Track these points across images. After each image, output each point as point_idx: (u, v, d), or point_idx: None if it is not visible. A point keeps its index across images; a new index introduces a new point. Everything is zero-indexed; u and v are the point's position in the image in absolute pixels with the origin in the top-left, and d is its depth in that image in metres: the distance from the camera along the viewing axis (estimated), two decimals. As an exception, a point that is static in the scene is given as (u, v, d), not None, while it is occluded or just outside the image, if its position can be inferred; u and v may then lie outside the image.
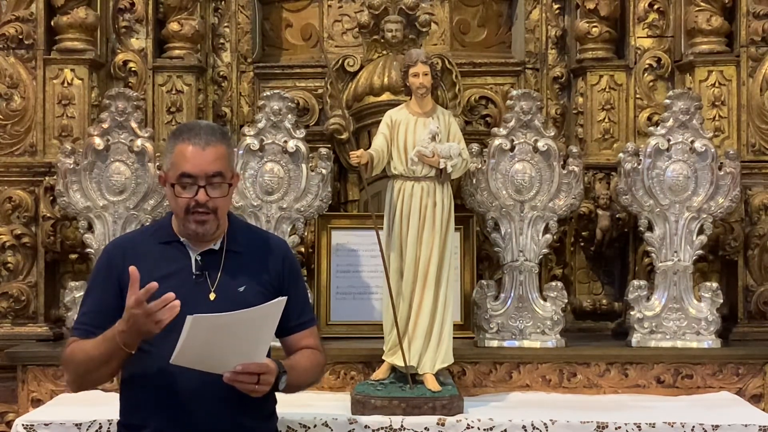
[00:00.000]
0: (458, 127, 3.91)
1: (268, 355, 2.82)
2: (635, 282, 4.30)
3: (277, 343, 3.05)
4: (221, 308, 2.69)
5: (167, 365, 2.66)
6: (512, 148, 4.20)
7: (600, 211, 4.67)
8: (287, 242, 3.51)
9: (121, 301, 2.75)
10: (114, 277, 2.85)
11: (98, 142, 4.22)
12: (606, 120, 4.83)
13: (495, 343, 4.20)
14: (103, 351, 2.73)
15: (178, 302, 2.60)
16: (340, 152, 4.67)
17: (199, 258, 2.87)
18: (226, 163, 2.85)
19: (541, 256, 4.25)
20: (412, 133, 3.78)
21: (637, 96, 4.85)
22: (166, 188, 2.89)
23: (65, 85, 4.66)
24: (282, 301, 2.70)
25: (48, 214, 4.56)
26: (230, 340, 2.63)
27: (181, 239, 2.89)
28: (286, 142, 4.19)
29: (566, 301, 4.27)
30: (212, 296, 2.82)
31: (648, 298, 4.26)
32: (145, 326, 2.62)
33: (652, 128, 4.33)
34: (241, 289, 2.85)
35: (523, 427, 3.53)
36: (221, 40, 5.10)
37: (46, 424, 3.50)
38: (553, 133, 4.25)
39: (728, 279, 4.65)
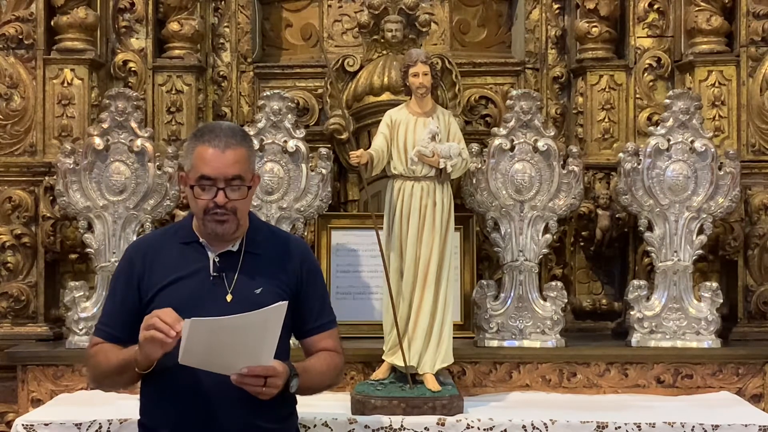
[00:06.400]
0: (458, 127, 3.91)
1: (287, 357, 2.83)
2: (635, 282, 4.30)
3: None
4: (237, 309, 2.70)
5: (183, 367, 2.68)
6: (512, 148, 4.20)
7: (600, 211, 4.67)
8: (307, 244, 3.49)
9: (140, 303, 2.81)
10: (134, 280, 2.87)
11: (98, 142, 4.22)
12: (606, 120, 4.83)
13: (495, 343, 4.20)
14: (122, 365, 2.79)
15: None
16: (340, 152, 4.67)
17: (217, 259, 2.87)
18: (245, 165, 2.84)
19: (541, 256, 4.25)
20: (412, 133, 3.78)
21: (637, 96, 4.85)
22: (186, 189, 2.88)
23: (65, 85, 4.66)
24: (282, 305, 2.69)
25: (48, 214, 4.57)
26: (233, 342, 2.64)
27: (200, 240, 2.89)
28: (286, 142, 4.20)
29: (566, 301, 4.27)
30: (229, 297, 2.82)
31: (648, 298, 4.26)
32: (149, 349, 2.67)
33: (652, 128, 4.33)
34: (258, 290, 2.84)
35: (523, 427, 3.53)
36: (221, 40, 5.10)
37: (46, 424, 3.51)
38: (553, 133, 4.25)
39: (728, 279, 4.65)
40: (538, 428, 3.52)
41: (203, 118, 4.93)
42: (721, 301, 4.26)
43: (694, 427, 3.52)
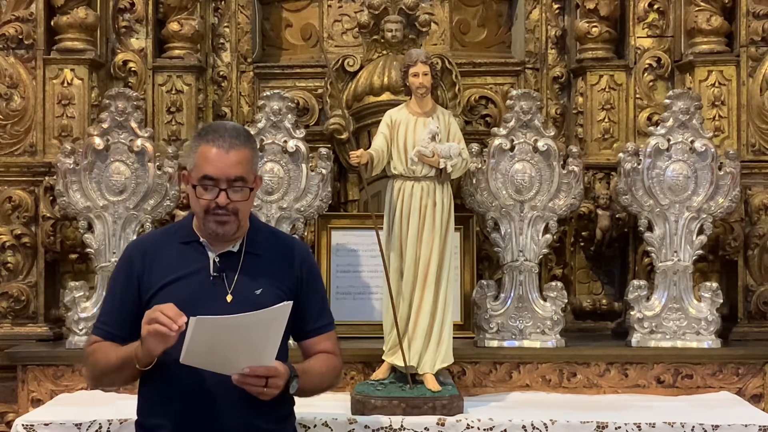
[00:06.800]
0: (458, 127, 3.91)
1: (286, 358, 2.83)
2: (635, 282, 4.30)
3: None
4: (237, 310, 2.70)
5: (183, 366, 2.67)
6: (512, 148, 4.20)
7: (600, 211, 4.67)
8: (308, 246, 3.49)
9: (140, 302, 2.80)
10: (133, 279, 2.87)
11: (98, 142, 4.22)
12: (606, 120, 4.83)
13: (495, 343, 4.20)
14: (122, 362, 2.78)
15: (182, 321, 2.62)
16: (340, 152, 4.67)
17: (217, 259, 2.86)
18: (248, 166, 2.84)
19: (541, 256, 4.25)
20: (412, 133, 3.78)
21: (637, 96, 4.85)
22: (187, 188, 2.88)
23: (65, 85, 4.66)
24: (287, 305, 2.69)
25: (48, 214, 4.57)
26: (236, 342, 2.63)
27: (201, 240, 2.89)
28: (286, 142, 4.20)
29: (566, 301, 4.27)
30: (229, 298, 2.82)
31: (648, 298, 4.26)
32: (151, 344, 2.65)
33: (652, 128, 4.33)
34: (258, 291, 2.84)
35: (523, 427, 3.53)
36: (221, 40, 5.10)
37: (46, 424, 3.51)
38: (553, 133, 4.25)
39: (728, 279, 4.65)
40: (538, 428, 3.52)
41: (203, 118, 4.93)
42: (721, 301, 4.26)
43: (694, 427, 3.52)
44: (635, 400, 3.98)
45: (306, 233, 4.35)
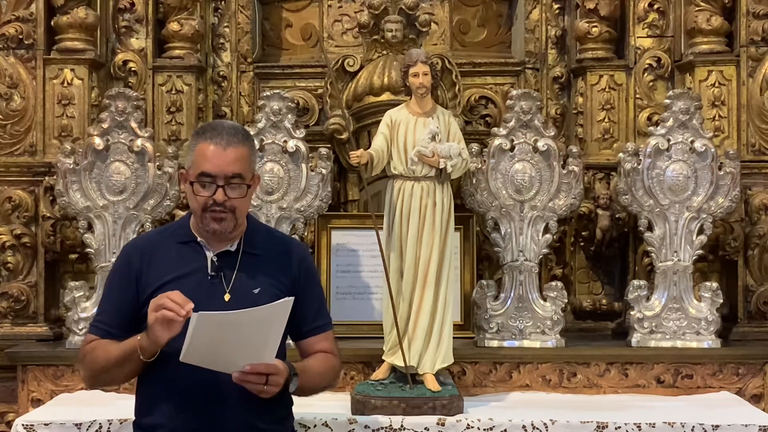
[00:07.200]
0: (458, 127, 3.91)
1: (284, 357, 2.83)
2: (635, 282, 4.30)
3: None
4: (236, 309, 2.70)
5: (181, 365, 2.67)
6: (512, 148, 4.20)
7: (600, 211, 4.67)
8: (306, 246, 3.49)
9: (138, 301, 2.80)
10: (132, 277, 2.87)
11: (98, 142, 4.22)
12: (606, 120, 4.83)
13: (495, 343, 4.20)
14: (124, 356, 2.77)
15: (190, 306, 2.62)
16: (340, 152, 4.67)
17: (215, 258, 2.87)
18: (246, 164, 2.86)
19: (541, 256, 4.25)
20: (412, 133, 3.78)
21: (637, 96, 4.85)
22: (185, 185, 2.89)
23: (65, 85, 4.66)
24: (289, 301, 2.70)
25: (48, 214, 4.57)
26: (237, 339, 2.64)
27: (199, 239, 2.89)
28: (285, 142, 4.20)
29: (566, 301, 4.27)
30: (227, 297, 2.83)
31: (648, 298, 4.26)
32: (158, 331, 2.65)
33: (652, 128, 4.33)
34: (256, 290, 2.85)
35: (523, 427, 3.53)
36: (221, 40, 5.10)
37: (46, 424, 3.51)
38: (553, 133, 4.25)
39: (728, 279, 4.65)
40: (538, 428, 3.52)
41: (203, 118, 4.93)
42: (721, 301, 4.26)
43: (694, 427, 3.52)
44: (635, 400, 3.98)
45: (306, 233, 4.35)
